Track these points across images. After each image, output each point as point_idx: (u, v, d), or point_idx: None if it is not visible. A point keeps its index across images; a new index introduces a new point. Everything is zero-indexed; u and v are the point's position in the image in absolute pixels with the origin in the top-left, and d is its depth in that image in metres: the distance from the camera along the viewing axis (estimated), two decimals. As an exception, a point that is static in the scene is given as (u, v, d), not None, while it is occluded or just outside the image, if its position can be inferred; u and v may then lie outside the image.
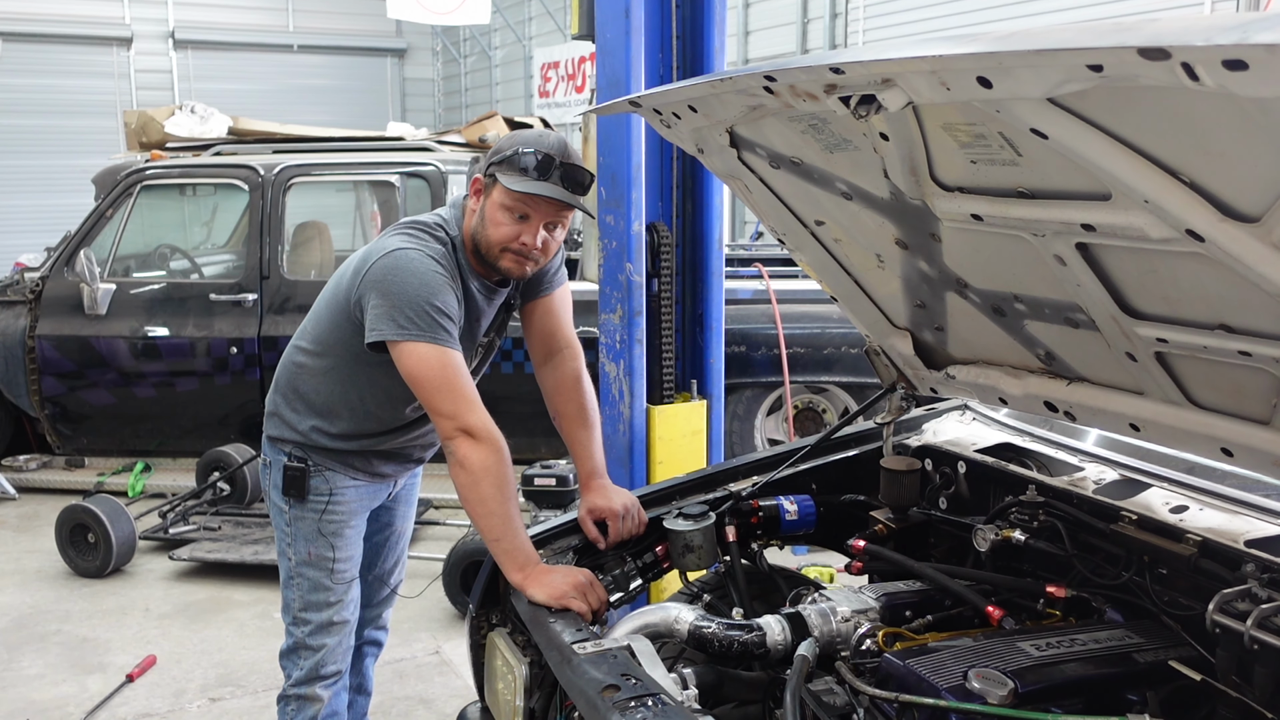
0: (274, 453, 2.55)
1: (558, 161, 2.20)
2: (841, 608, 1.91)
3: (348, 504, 2.53)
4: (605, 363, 3.46)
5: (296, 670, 2.58)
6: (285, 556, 2.55)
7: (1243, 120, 1.13)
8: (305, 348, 2.49)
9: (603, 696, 1.62)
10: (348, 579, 2.58)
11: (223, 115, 7.04)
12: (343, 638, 2.60)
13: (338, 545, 2.53)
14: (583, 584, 2.03)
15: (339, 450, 2.49)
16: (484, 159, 2.33)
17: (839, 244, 2.15)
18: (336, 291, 2.41)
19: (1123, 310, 1.65)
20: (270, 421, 2.55)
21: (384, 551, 2.81)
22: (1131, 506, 1.94)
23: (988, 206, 1.64)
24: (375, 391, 2.42)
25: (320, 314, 2.46)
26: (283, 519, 2.54)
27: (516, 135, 2.29)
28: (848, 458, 2.55)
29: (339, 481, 2.51)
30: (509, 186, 2.21)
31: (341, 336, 2.38)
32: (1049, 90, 1.22)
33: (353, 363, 2.39)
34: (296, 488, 2.48)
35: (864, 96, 1.47)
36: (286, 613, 2.59)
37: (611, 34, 3.22)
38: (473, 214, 2.33)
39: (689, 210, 3.59)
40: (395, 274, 2.21)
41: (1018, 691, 1.55)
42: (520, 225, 2.25)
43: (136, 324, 5.77)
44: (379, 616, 2.89)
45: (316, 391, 2.47)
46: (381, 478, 2.60)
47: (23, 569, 5.00)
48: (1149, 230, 1.40)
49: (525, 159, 2.20)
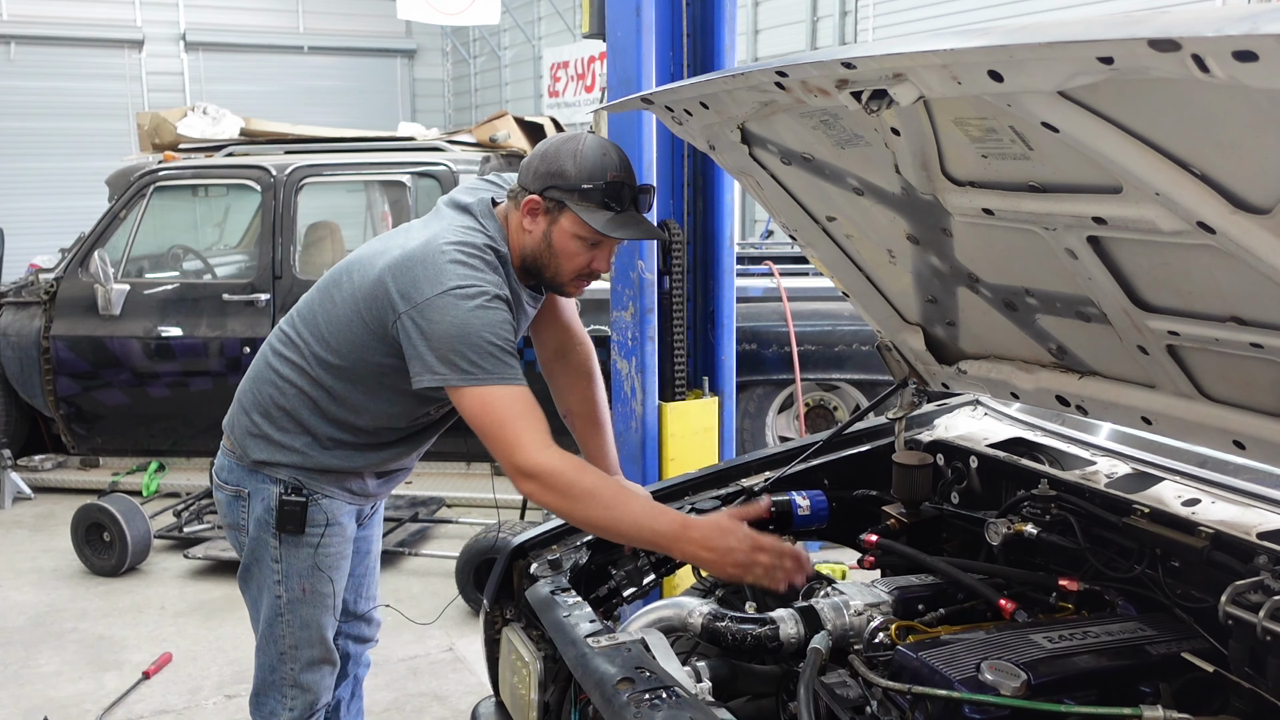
0: (258, 481, 2.31)
1: (632, 188, 2.11)
2: (855, 601, 1.91)
3: (345, 532, 2.38)
4: (617, 360, 3.47)
5: (285, 712, 2.40)
6: (271, 594, 2.35)
7: (1253, 112, 1.13)
8: (309, 358, 2.24)
9: (617, 689, 1.63)
10: (339, 609, 2.46)
11: (235, 116, 7.08)
12: (334, 669, 2.46)
13: (336, 578, 2.38)
14: (749, 544, 1.95)
15: (336, 470, 2.31)
16: (532, 174, 2.13)
17: (850, 240, 2.16)
18: (354, 299, 2.16)
19: (1134, 303, 1.65)
20: (254, 444, 2.30)
21: (366, 582, 2.66)
22: (1144, 500, 1.94)
23: (999, 201, 1.64)
24: (383, 403, 2.25)
25: (332, 321, 2.21)
26: (269, 554, 2.32)
27: (573, 150, 2.10)
28: (860, 453, 2.56)
29: (336, 510, 2.34)
30: (594, 226, 2.08)
31: (354, 346, 2.19)
32: (1060, 83, 1.23)
33: (366, 373, 2.21)
34: (294, 523, 2.29)
35: (875, 91, 1.48)
36: (268, 650, 2.40)
37: (622, 32, 3.23)
38: (526, 233, 2.16)
39: (700, 208, 3.60)
40: (455, 314, 2.01)
41: (1030, 683, 1.55)
42: (593, 252, 2.16)
43: (150, 324, 5.80)
44: (362, 654, 2.77)
45: (313, 406, 2.26)
46: (368, 498, 2.45)
47: (39, 568, 5.04)
48: (1160, 223, 1.40)
49: (600, 192, 2.07)
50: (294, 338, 2.29)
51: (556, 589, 2.04)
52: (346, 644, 2.70)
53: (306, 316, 2.29)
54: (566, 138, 2.16)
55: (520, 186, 2.17)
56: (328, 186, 6.21)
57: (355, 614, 2.67)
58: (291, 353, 2.28)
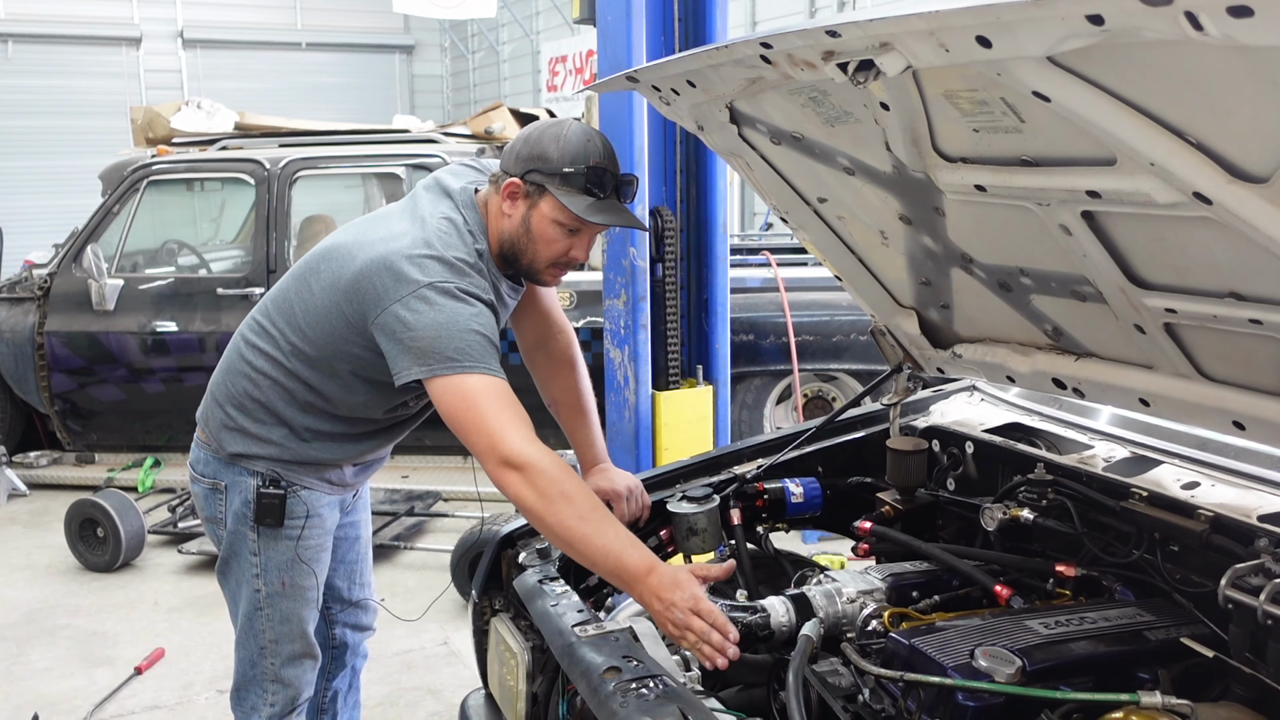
0: (235, 473, 2.26)
1: (614, 175, 2.07)
2: (847, 588, 1.88)
3: (325, 524, 2.34)
4: (610, 348, 3.43)
5: (267, 707, 2.35)
6: (250, 588, 2.30)
7: (1250, 74, 1.10)
8: (284, 349, 2.20)
9: (603, 679, 1.60)
10: (320, 602, 2.40)
11: (229, 110, 7.03)
12: (315, 663, 2.42)
13: (318, 571, 2.34)
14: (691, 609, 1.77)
15: (315, 462, 2.27)
16: (514, 157, 2.09)
17: (842, 221, 2.12)
18: (334, 289, 2.10)
19: (1130, 281, 1.62)
20: (230, 437, 2.26)
21: (359, 569, 2.62)
22: (1142, 483, 1.91)
23: (991, 176, 1.61)
24: (359, 395, 2.20)
25: (310, 311, 2.16)
26: (247, 547, 2.28)
27: (556, 134, 2.06)
28: (854, 440, 2.52)
29: (316, 501, 2.30)
30: (573, 210, 2.03)
31: (332, 338, 2.13)
32: (1050, 47, 1.19)
33: (342, 364, 2.16)
34: (273, 515, 2.24)
35: (862, 62, 1.44)
36: (247, 645, 2.35)
37: (612, 17, 3.19)
38: (505, 218, 2.11)
39: (693, 194, 3.56)
40: (438, 307, 1.97)
41: (1025, 670, 1.52)
42: (572, 239, 2.11)
43: (144, 319, 5.77)
44: (360, 644, 2.72)
45: (289, 397, 2.21)
46: (347, 488, 2.41)
47: (33, 564, 5.01)
48: (1155, 195, 1.36)
49: (582, 177, 2.03)
50: (268, 328, 2.23)
51: (544, 578, 2.01)
52: (344, 633, 2.67)
53: (282, 306, 2.22)
54: (551, 123, 2.11)
55: (501, 170, 2.12)
56: (322, 180, 6.17)
57: (350, 601, 2.64)
58: (266, 343, 2.23)
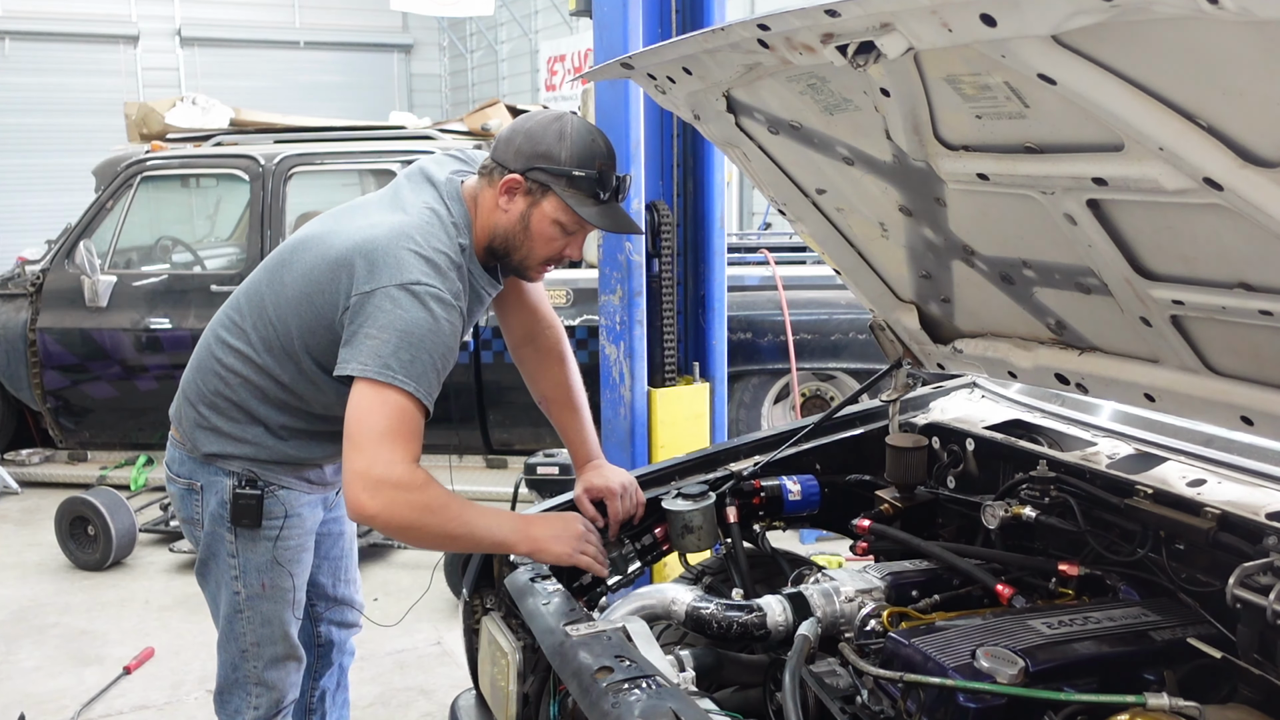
0: (211, 473, 2.20)
1: (618, 177, 2.04)
2: (845, 587, 1.84)
3: (304, 524, 2.28)
4: (605, 345, 3.39)
5: (251, 710, 2.30)
6: (230, 590, 2.24)
7: (1265, 52, 1.06)
8: (255, 345, 2.14)
9: (595, 679, 1.55)
10: (303, 603, 2.35)
11: (225, 106, 7.00)
12: (299, 664, 2.36)
13: (297, 572, 2.28)
14: (582, 533, 2.04)
15: (293, 461, 2.21)
16: (513, 151, 2.01)
17: (841, 213, 2.08)
18: (305, 279, 2.06)
19: (1136, 272, 1.58)
20: (204, 437, 2.19)
21: (343, 565, 2.56)
22: (1147, 480, 1.87)
23: (994, 164, 1.57)
24: (328, 394, 2.11)
25: (280, 304, 2.11)
26: (225, 549, 2.22)
27: (559, 131, 1.99)
28: (853, 436, 2.48)
29: (294, 501, 2.24)
30: (582, 215, 2.00)
31: (302, 330, 2.08)
32: (1057, 24, 1.15)
33: (310, 360, 2.10)
34: (250, 516, 2.18)
35: (862, 44, 1.40)
36: (228, 648, 2.29)
37: (609, 7, 3.15)
38: (501, 212, 2.04)
39: (690, 189, 3.52)
40: (406, 310, 1.91)
41: (1028, 670, 1.48)
42: (569, 239, 2.07)
43: (138, 316, 5.72)
44: (347, 642, 2.66)
45: (261, 395, 2.15)
46: (327, 486, 2.35)
47: (23, 562, 4.97)
48: (1164, 181, 1.32)
49: (593, 181, 1.99)
50: (239, 322, 2.18)
51: (536, 576, 1.96)
52: (330, 631, 2.62)
53: (254, 300, 2.17)
54: (550, 116, 2.04)
55: (496, 162, 2.04)
56: (317, 176, 6.13)
57: (336, 598, 2.58)
58: (237, 340, 2.17)
